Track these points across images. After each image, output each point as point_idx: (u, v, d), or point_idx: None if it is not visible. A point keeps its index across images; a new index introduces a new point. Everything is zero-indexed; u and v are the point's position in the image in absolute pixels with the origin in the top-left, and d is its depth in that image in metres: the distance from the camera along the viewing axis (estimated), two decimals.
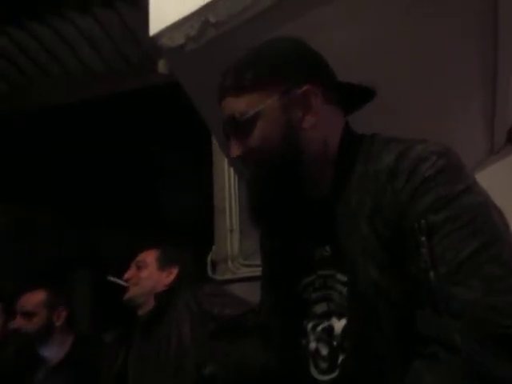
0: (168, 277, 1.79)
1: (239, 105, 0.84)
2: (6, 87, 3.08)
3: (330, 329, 0.85)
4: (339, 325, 0.84)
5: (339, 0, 1.07)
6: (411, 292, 0.73)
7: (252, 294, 1.13)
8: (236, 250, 2.28)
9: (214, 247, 2.35)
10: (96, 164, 3.71)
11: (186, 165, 3.70)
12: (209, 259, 2.32)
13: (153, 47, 1.17)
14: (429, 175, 0.74)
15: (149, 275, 1.79)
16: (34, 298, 1.97)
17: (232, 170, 2.28)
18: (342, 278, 0.83)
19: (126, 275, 1.80)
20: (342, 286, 0.84)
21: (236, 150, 0.87)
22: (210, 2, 1.07)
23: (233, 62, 0.88)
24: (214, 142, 2.29)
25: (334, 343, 0.84)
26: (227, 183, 2.35)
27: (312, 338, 0.88)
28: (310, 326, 0.89)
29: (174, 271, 1.81)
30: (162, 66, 1.38)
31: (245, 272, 2.20)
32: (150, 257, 1.83)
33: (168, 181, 3.92)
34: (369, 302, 0.77)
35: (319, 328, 0.87)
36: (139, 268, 1.80)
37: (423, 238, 0.72)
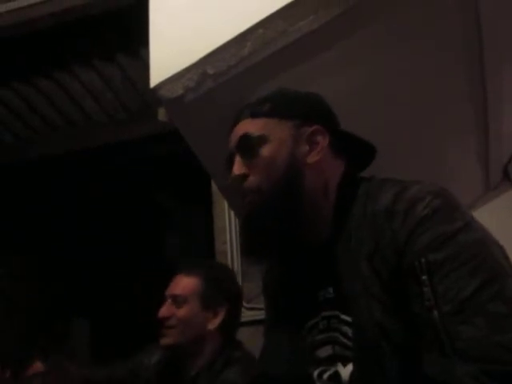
0: (214, 319, 1.39)
1: (254, 126, 0.91)
2: (11, 139, 3.15)
3: (337, 375, 0.85)
4: (346, 371, 0.83)
5: (335, 46, 1.11)
6: (415, 333, 0.73)
7: (256, 337, 1.12)
8: None
9: None
10: (98, 211, 3.73)
11: (187, 210, 3.72)
12: None
13: (153, 98, 1.21)
14: (425, 215, 0.76)
15: (190, 315, 1.38)
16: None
17: (232, 212, 2.30)
18: (347, 318, 0.83)
19: (162, 313, 1.39)
20: (346, 326, 0.83)
21: (240, 168, 0.91)
22: (208, 54, 1.12)
23: (252, 98, 0.95)
24: (214, 186, 2.32)
25: None
26: (228, 226, 2.36)
27: None
28: (316, 373, 0.88)
29: (221, 313, 1.40)
30: (161, 114, 1.42)
31: (248, 316, 2.17)
32: (189, 289, 1.40)
33: (170, 226, 3.93)
34: (373, 343, 0.76)
35: (325, 375, 0.87)
36: (178, 304, 1.39)
37: (424, 277, 0.72)
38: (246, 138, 0.90)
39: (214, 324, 1.39)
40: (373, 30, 1.11)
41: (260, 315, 1.14)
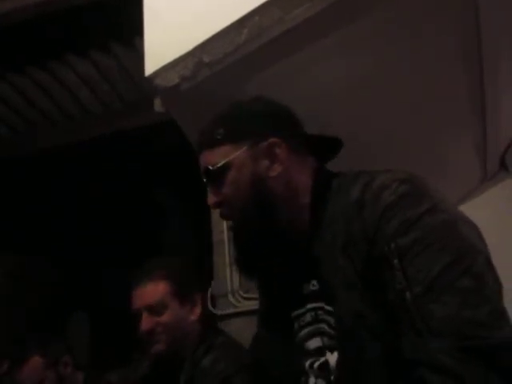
0: (194, 309, 1.41)
1: (212, 157, 0.93)
2: (7, 131, 3.13)
3: (326, 364, 0.87)
4: (333, 358, 0.86)
5: (332, 34, 1.10)
6: (393, 318, 0.74)
7: (252, 327, 1.13)
8: (236, 284, 2.27)
9: (213, 282, 2.34)
10: (95, 203, 3.72)
11: (184, 200, 3.72)
12: (209, 294, 2.31)
13: (149, 87, 1.20)
14: (391, 201, 0.78)
15: (174, 317, 1.37)
16: (33, 369, 1.91)
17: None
18: (330, 308, 0.86)
19: (144, 327, 1.36)
20: (330, 316, 0.86)
21: (212, 198, 0.94)
22: (204, 42, 1.11)
23: (207, 122, 0.97)
24: None
25: (332, 377, 0.86)
26: None
27: (311, 374, 0.90)
28: (307, 364, 0.91)
29: (199, 301, 1.44)
30: (157, 105, 1.41)
31: (246, 305, 2.18)
32: (163, 294, 1.39)
33: (167, 217, 3.93)
34: (353, 331, 0.78)
35: (316, 365, 0.89)
36: (157, 312, 1.37)
37: (395, 261, 0.74)
38: (208, 171, 0.93)
39: (196, 314, 1.42)
40: (372, 18, 1.10)
41: (257, 305, 1.15)
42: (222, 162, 0.91)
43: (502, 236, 0.79)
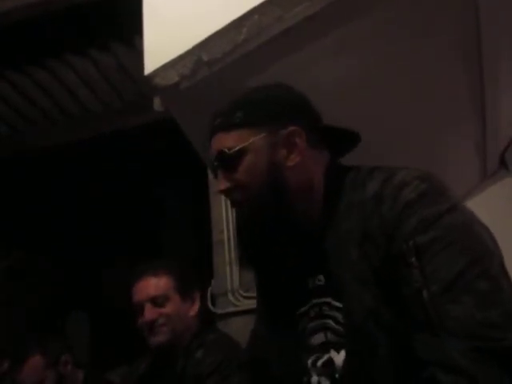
0: (193, 306, 1.52)
1: (228, 140, 0.89)
2: (7, 130, 3.13)
3: (331, 362, 0.86)
4: (339, 357, 0.84)
5: (332, 34, 1.10)
6: (406, 316, 0.74)
7: (252, 326, 1.12)
8: (236, 283, 2.26)
9: (213, 280, 2.33)
10: (95, 203, 3.72)
11: (184, 200, 3.71)
12: (209, 293, 2.31)
13: (148, 86, 1.20)
14: (412, 198, 0.77)
15: (176, 309, 1.47)
16: (33, 369, 1.93)
17: (229, 201, 2.29)
18: (338, 304, 0.85)
19: (148, 317, 1.44)
20: (337, 312, 0.85)
21: (223, 184, 0.91)
22: (203, 41, 1.10)
23: (223, 105, 0.93)
24: (210, 175, 2.31)
25: (336, 375, 0.84)
26: (225, 215, 2.35)
27: (313, 372, 0.88)
28: (309, 361, 0.89)
29: (197, 298, 1.54)
30: (157, 104, 1.41)
31: (246, 304, 2.18)
32: (166, 287, 1.48)
33: (167, 217, 3.92)
34: (364, 328, 0.77)
35: (319, 363, 0.88)
36: (160, 304, 1.46)
37: (413, 259, 0.74)
38: (222, 154, 0.89)
39: (194, 310, 1.51)
40: (372, 17, 1.10)
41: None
42: (240, 146, 0.88)
43: (502, 235, 0.79)
